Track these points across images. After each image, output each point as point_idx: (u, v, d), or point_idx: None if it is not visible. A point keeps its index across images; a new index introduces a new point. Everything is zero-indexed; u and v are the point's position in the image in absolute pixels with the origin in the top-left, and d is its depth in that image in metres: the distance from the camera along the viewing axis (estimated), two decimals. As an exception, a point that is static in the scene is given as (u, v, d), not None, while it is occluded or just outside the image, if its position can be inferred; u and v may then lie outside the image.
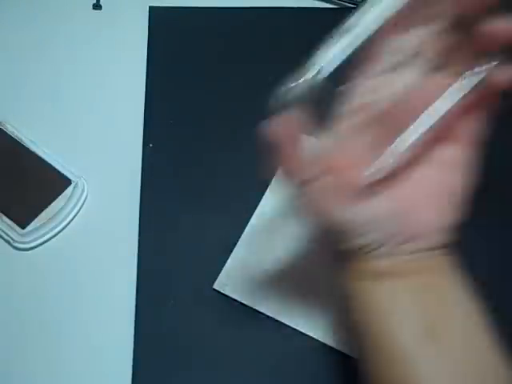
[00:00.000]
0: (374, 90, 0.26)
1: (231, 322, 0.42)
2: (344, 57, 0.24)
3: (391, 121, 0.27)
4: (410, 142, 0.26)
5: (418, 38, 0.26)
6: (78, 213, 0.46)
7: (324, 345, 0.41)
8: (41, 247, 0.45)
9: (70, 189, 0.46)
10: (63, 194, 0.46)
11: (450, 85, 0.26)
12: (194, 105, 0.51)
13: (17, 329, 0.43)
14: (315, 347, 0.41)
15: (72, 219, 0.46)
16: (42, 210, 0.45)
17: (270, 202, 0.46)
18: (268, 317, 0.42)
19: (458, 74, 0.26)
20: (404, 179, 0.29)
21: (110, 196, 0.47)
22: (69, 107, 0.51)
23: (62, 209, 0.46)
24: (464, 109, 0.27)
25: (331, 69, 0.25)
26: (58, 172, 0.47)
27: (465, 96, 0.26)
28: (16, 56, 0.53)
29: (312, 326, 0.42)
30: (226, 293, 0.43)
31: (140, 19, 0.55)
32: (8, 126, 0.48)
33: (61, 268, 0.45)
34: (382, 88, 0.26)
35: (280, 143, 0.27)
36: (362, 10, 0.25)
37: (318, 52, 0.25)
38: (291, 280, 0.43)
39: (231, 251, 0.44)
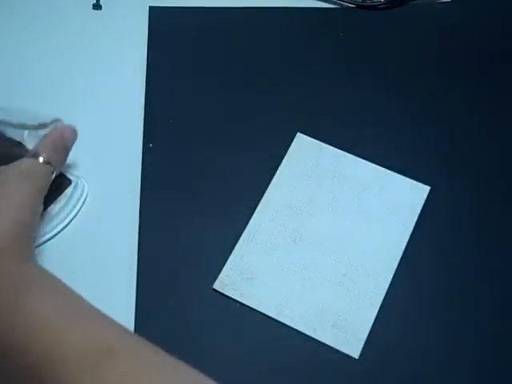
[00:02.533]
0: None
1: (231, 322, 0.42)
2: None
3: None
4: None
5: None
6: (78, 213, 0.46)
7: (324, 344, 0.41)
8: (41, 247, 0.45)
9: (69, 189, 0.46)
10: (63, 194, 0.46)
11: None
12: (193, 105, 0.51)
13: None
14: (315, 347, 0.41)
15: (72, 219, 0.46)
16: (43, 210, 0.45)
17: (270, 201, 0.46)
18: (268, 317, 0.42)
19: None
20: None
21: (110, 196, 0.47)
22: (68, 107, 0.51)
23: (61, 209, 0.46)
24: None
25: None
26: (58, 172, 0.47)
27: None
28: (16, 56, 0.53)
29: (311, 325, 0.42)
30: (226, 293, 0.43)
31: (140, 19, 0.55)
32: (8, 126, 0.48)
33: (60, 268, 0.45)
34: None
35: None
36: None
37: None
38: (291, 280, 0.43)
39: (231, 251, 0.44)
